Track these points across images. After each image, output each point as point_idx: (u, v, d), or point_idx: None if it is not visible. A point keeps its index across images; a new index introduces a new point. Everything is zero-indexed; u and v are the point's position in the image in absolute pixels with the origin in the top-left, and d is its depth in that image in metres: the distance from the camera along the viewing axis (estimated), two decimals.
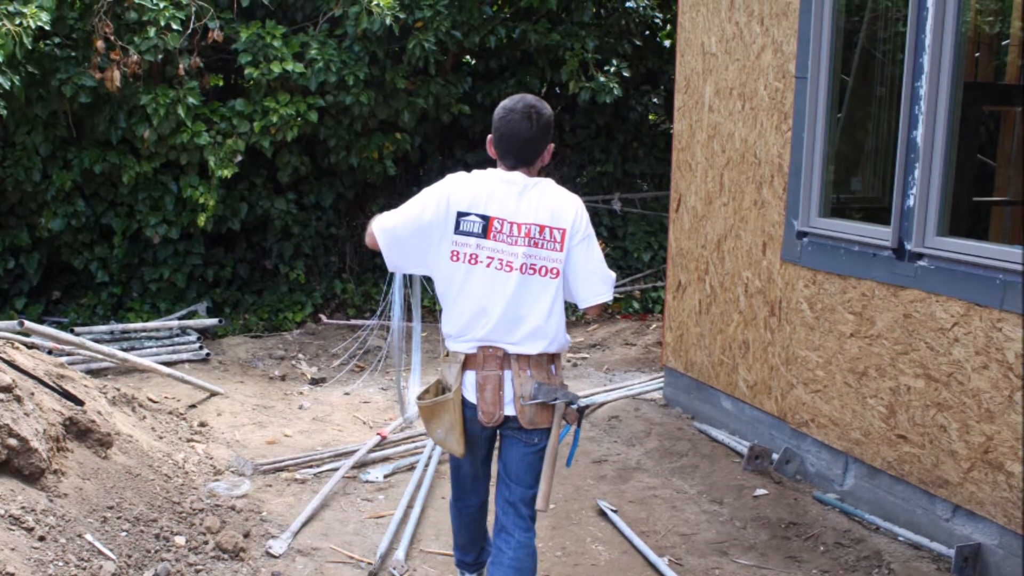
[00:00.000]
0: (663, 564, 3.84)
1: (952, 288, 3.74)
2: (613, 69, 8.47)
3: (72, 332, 6.45)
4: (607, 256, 7.06)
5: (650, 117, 9.70)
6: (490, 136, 2.94)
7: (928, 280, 3.85)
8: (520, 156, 2.90)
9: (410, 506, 4.37)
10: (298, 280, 8.20)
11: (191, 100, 7.02)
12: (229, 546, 3.75)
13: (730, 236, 5.18)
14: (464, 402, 2.93)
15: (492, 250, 2.83)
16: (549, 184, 2.92)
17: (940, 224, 3.86)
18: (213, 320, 7.30)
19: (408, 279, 5.68)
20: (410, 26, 7.41)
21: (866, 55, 5.15)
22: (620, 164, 9.41)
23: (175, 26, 6.88)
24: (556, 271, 2.85)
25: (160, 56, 6.94)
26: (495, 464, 3.11)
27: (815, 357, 4.54)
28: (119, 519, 3.61)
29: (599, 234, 8.26)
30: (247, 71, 7.12)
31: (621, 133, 9.39)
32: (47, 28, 6.50)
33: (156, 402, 5.34)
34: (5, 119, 6.84)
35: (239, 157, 7.22)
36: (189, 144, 7.11)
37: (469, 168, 3.03)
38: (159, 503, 3.91)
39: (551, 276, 2.84)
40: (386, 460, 5.02)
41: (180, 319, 7.38)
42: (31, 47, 6.38)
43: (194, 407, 5.72)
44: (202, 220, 7.24)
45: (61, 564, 3.11)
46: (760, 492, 4.54)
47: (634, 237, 9.21)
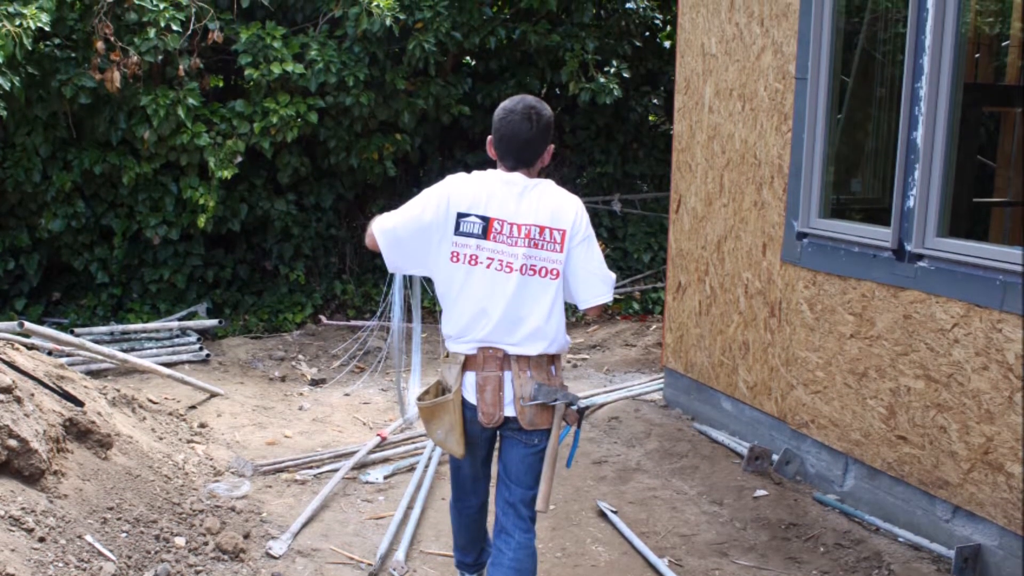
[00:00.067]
0: (663, 565, 3.84)
1: (952, 289, 3.74)
2: (613, 70, 8.47)
3: (72, 333, 6.45)
4: (607, 257, 7.05)
5: (650, 118, 9.70)
6: (490, 137, 2.94)
7: (928, 281, 3.85)
8: (520, 157, 2.90)
9: (410, 507, 4.37)
10: (298, 281, 8.20)
11: (191, 101, 7.01)
12: (229, 547, 3.75)
13: (730, 237, 5.18)
14: (464, 403, 2.93)
15: (492, 251, 2.83)
16: (549, 185, 2.92)
17: (940, 225, 3.86)
18: (213, 321, 7.30)
19: (408, 280, 5.68)
20: (410, 27, 7.41)
21: (866, 56, 5.15)
22: (620, 165, 9.41)
23: (175, 27, 6.87)
24: (556, 272, 2.85)
25: (160, 57, 6.93)
26: (495, 465, 3.11)
27: (815, 358, 4.54)
28: (119, 520, 3.61)
29: (599, 235, 8.25)
30: (247, 72, 7.12)
31: (621, 134, 9.39)
32: (47, 29, 6.49)
33: (156, 403, 5.34)
34: (5, 120, 6.83)
35: (239, 158, 7.22)
36: (189, 145, 7.10)
37: (469, 169, 3.02)
38: (159, 504, 3.91)
39: (551, 277, 2.84)
40: (386, 461, 5.02)
41: (180, 320, 7.39)
42: (31, 48, 6.37)
43: (194, 408, 5.72)
44: (202, 221, 7.24)
45: (61, 565, 3.11)
46: (760, 493, 4.54)
47: (634, 238, 9.21)
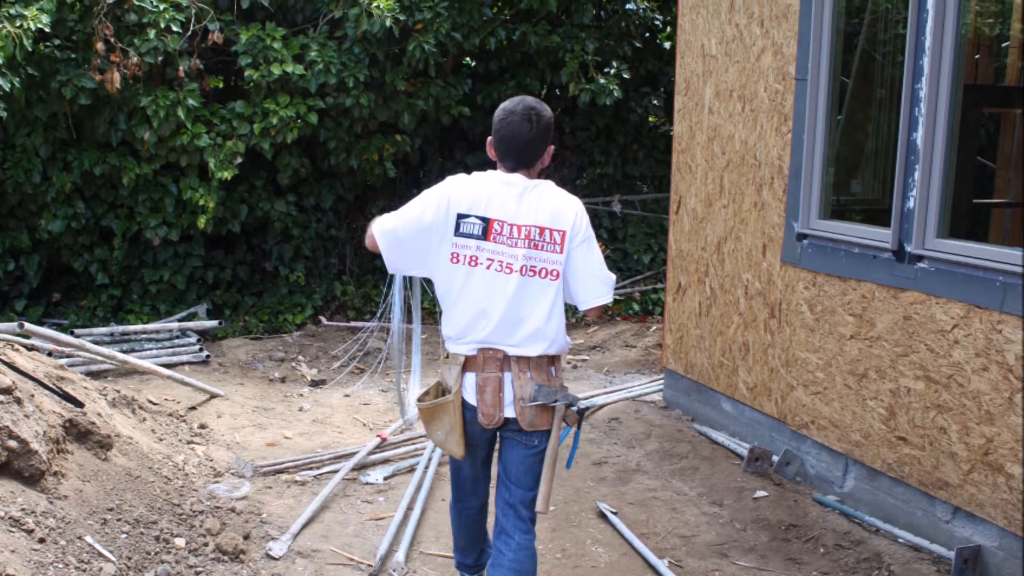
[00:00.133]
0: (663, 566, 3.84)
1: (952, 290, 3.74)
2: (613, 71, 8.48)
3: (72, 334, 6.45)
4: (607, 258, 7.05)
5: (650, 119, 9.70)
6: (490, 138, 2.95)
7: (928, 282, 3.85)
8: (520, 158, 2.90)
9: (410, 508, 4.37)
10: (298, 282, 8.20)
11: (191, 102, 7.02)
12: (229, 548, 3.75)
13: (730, 238, 5.18)
14: (464, 404, 2.93)
15: (492, 252, 2.83)
16: (549, 186, 2.92)
17: (940, 226, 3.86)
18: (213, 322, 7.30)
19: (408, 281, 5.68)
20: (410, 28, 7.41)
21: (866, 57, 5.15)
22: (620, 166, 9.41)
23: (175, 28, 6.87)
24: (556, 273, 2.85)
25: (160, 58, 6.93)
26: (495, 466, 3.11)
27: (815, 359, 4.54)
28: (119, 521, 3.61)
29: (599, 236, 8.25)
30: (247, 73, 7.12)
31: (621, 135, 9.39)
32: (47, 30, 6.50)
33: (156, 404, 5.34)
34: (5, 121, 6.84)
35: (239, 159, 7.22)
36: (189, 146, 7.10)
37: (469, 170, 3.03)
38: (159, 505, 3.91)
39: (551, 278, 2.84)
40: (386, 462, 5.02)
41: (180, 321, 7.39)
42: (31, 49, 6.37)
43: (194, 409, 5.72)
44: (202, 222, 7.24)
45: (61, 566, 3.11)
46: (760, 494, 4.53)
47: (634, 239, 9.21)
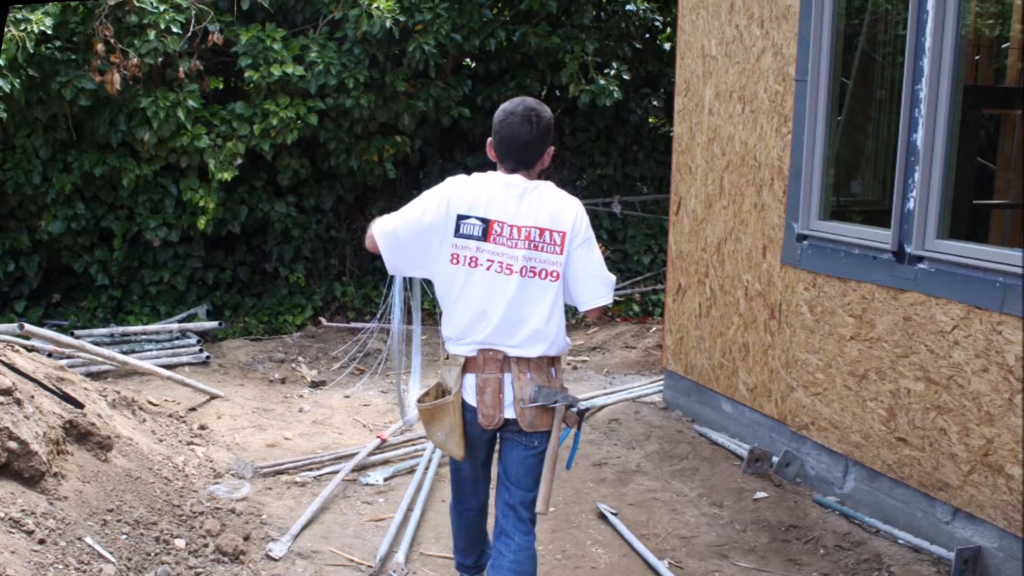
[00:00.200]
0: (663, 567, 3.84)
1: (952, 291, 3.74)
2: (613, 72, 8.47)
3: (72, 335, 6.45)
4: (607, 259, 7.04)
5: (650, 120, 9.70)
6: (490, 139, 2.95)
7: (928, 283, 3.85)
8: (520, 159, 2.90)
9: (410, 509, 4.37)
10: (298, 283, 8.20)
11: (191, 103, 7.02)
12: (229, 549, 3.75)
13: (730, 239, 5.18)
14: (464, 405, 2.93)
15: (492, 253, 2.83)
16: (549, 187, 2.92)
17: (940, 227, 3.86)
18: (213, 323, 7.30)
19: (408, 282, 5.68)
20: (410, 29, 7.41)
21: (866, 58, 5.15)
22: (620, 167, 9.41)
23: (175, 29, 6.88)
24: (556, 274, 2.85)
25: (160, 59, 6.94)
26: (495, 467, 3.11)
27: (815, 360, 4.54)
28: (119, 522, 3.61)
29: (599, 237, 8.25)
30: (247, 74, 7.12)
31: (621, 136, 9.39)
32: (49, 32, 6.52)
33: (156, 405, 5.34)
34: (5, 122, 6.85)
35: (239, 160, 7.22)
36: (189, 147, 7.10)
37: (469, 171, 3.03)
38: (159, 506, 3.91)
39: (551, 279, 2.84)
40: (386, 463, 5.02)
41: (180, 322, 7.39)
42: (32, 51, 6.39)
43: (194, 410, 5.72)
44: (202, 223, 7.25)
45: (61, 567, 3.11)
46: (760, 495, 4.53)
47: (634, 240, 9.21)
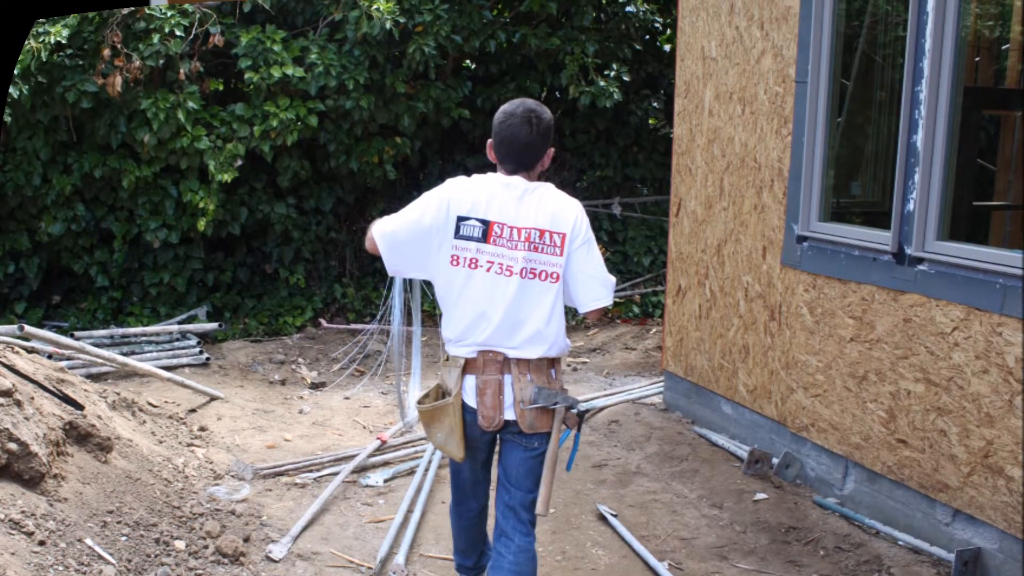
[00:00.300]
0: (663, 568, 3.84)
1: (952, 292, 3.74)
2: (613, 73, 8.47)
3: (72, 336, 6.44)
4: (607, 260, 7.03)
5: (650, 121, 9.69)
6: (490, 140, 2.95)
7: (928, 284, 3.85)
8: (520, 160, 2.90)
9: (410, 510, 4.37)
10: (298, 284, 8.20)
11: (191, 104, 7.03)
12: (229, 550, 3.75)
13: (730, 240, 5.18)
14: (464, 406, 2.93)
15: (492, 254, 2.83)
16: (549, 188, 2.93)
17: (940, 228, 3.86)
18: (213, 324, 7.30)
19: (408, 283, 5.68)
20: (410, 30, 7.42)
21: (866, 59, 5.15)
22: (620, 168, 9.41)
23: (178, 32, 6.92)
24: (556, 275, 2.85)
25: (162, 61, 6.97)
26: (495, 468, 3.11)
27: (815, 361, 4.53)
28: (119, 523, 3.61)
29: (599, 238, 8.25)
30: (247, 75, 7.13)
31: (621, 137, 9.39)
32: (63, 42, 6.62)
33: (156, 406, 5.34)
34: (8, 125, 6.89)
35: (239, 162, 7.23)
36: (189, 148, 7.11)
37: (469, 172, 3.03)
38: (159, 507, 3.91)
39: (551, 280, 2.85)
40: (386, 464, 5.02)
41: (180, 323, 7.39)
42: (44, 59, 6.47)
43: (194, 411, 5.72)
44: (202, 224, 7.25)
45: (61, 569, 3.11)
46: (760, 496, 4.53)
47: (634, 241, 9.21)
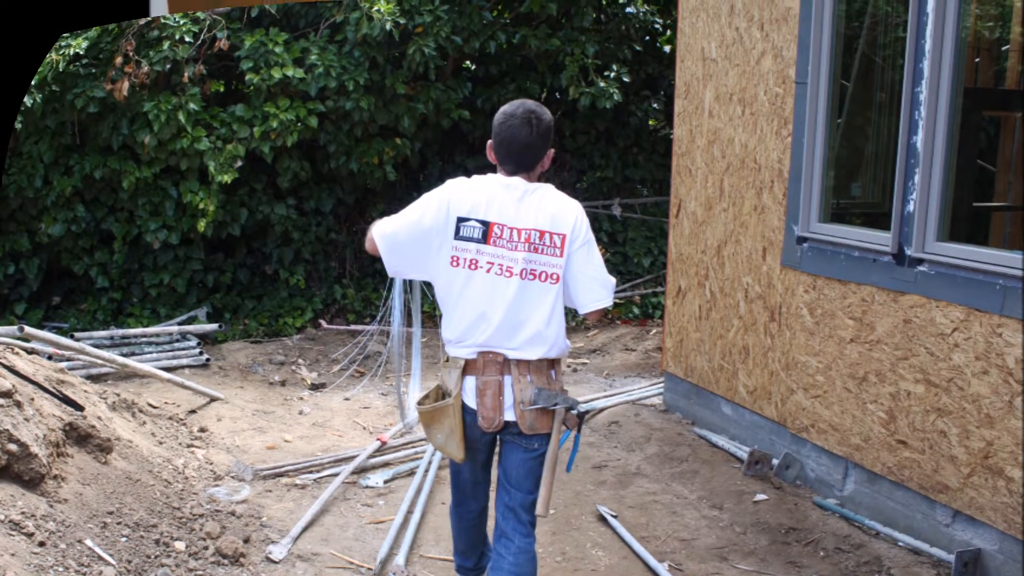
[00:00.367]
0: (663, 570, 3.84)
1: (952, 293, 3.74)
2: (613, 74, 8.47)
3: (72, 337, 6.44)
4: (607, 261, 7.03)
5: (650, 122, 9.70)
6: (490, 141, 2.95)
7: (928, 285, 3.85)
8: (520, 161, 2.90)
9: (410, 511, 4.37)
10: (298, 285, 8.20)
11: (192, 106, 7.04)
12: (229, 551, 3.75)
13: (730, 241, 5.18)
14: (464, 407, 2.93)
15: (492, 255, 2.83)
16: (549, 189, 2.93)
17: (940, 229, 3.86)
18: (213, 325, 7.30)
19: (408, 284, 5.68)
20: (410, 31, 7.42)
21: (866, 60, 5.15)
22: (620, 169, 9.41)
23: (187, 38, 6.98)
24: (556, 276, 2.85)
25: (168, 66, 7.02)
26: (495, 469, 3.10)
27: (815, 362, 4.53)
28: (119, 524, 3.61)
29: (599, 239, 8.25)
30: (248, 77, 7.14)
31: (621, 138, 9.39)
32: (81, 53, 6.69)
33: (156, 407, 5.34)
34: (19, 132, 6.95)
35: (239, 162, 7.23)
36: (189, 149, 7.12)
37: (469, 173, 3.03)
38: (159, 508, 3.91)
39: (551, 281, 2.85)
40: (386, 465, 5.02)
41: (180, 324, 7.39)
42: (61, 69, 6.55)
43: (194, 412, 5.72)
44: (202, 225, 7.25)
45: (61, 570, 3.11)
46: (760, 497, 4.53)
47: (634, 242, 9.21)
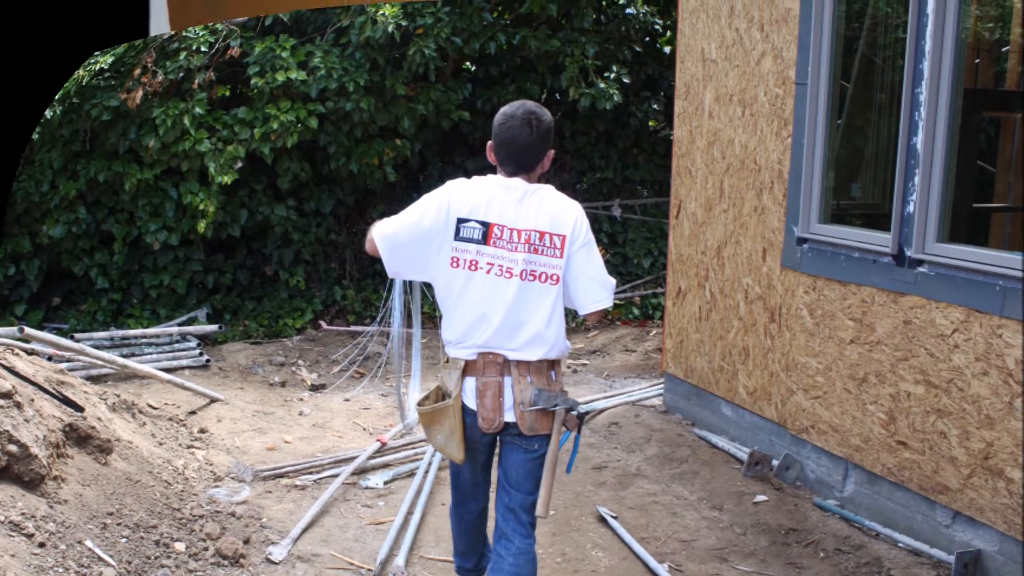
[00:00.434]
0: (663, 570, 3.84)
1: (952, 294, 3.74)
2: (613, 75, 8.48)
3: (72, 338, 6.44)
4: (607, 262, 7.04)
5: (650, 123, 9.70)
6: (490, 142, 2.95)
7: (928, 286, 3.85)
8: (520, 162, 2.90)
9: (410, 512, 4.37)
10: (298, 286, 8.20)
11: (197, 110, 7.09)
12: (229, 552, 3.75)
13: (730, 242, 5.18)
14: (464, 408, 2.93)
15: (492, 256, 2.83)
16: (549, 190, 2.93)
17: (940, 230, 3.86)
18: (213, 326, 7.30)
19: (408, 285, 5.69)
20: (411, 33, 7.43)
21: (866, 61, 5.15)
22: (620, 170, 9.41)
23: (203, 48, 7.02)
24: (556, 277, 2.85)
25: (181, 74, 7.06)
26: (495, 470, 3.10)
27: (815, 363, 4.53)
28: (119, 525, 3.61)
29: (599, 240, 8.25)
30: (253, 81, 7.18)
31: (621, 139, 9.39)
32: (105, 68, 6.77)
33: (156, 408, 5.34)
34: (34, 142, 7.01)
35: (239, 164, 7.24)
36: (191, 151, 7.14)
37: (469, 174, 3.03)
38: (159, 509, 3.91)
39: (551, 282, 2.85)
40: (386, 466, 5.02)
41: (180, 325, 7.39)
42: (85, 83, 6.59)
43: (194, 413, 5.72)
44: (202, 226, 7.25)
45: (61, 570, 3.11)
46: (760, 498, 4.53)
47: (634, 243, 9.21)
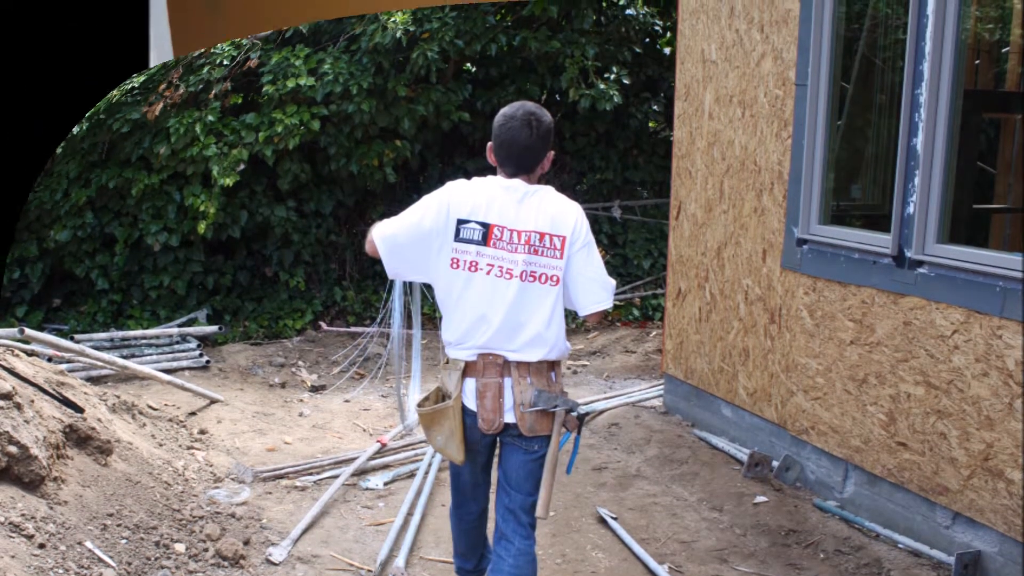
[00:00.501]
0: (663, 571, 3.84)
1: (952, 295, 3.74)
2: (613, 76, 8.48)
3: (72, 339, 6.44)
4: (607, 263, 7.04)
5: (650, 124, 9.70)
6: (490, 143, 2.95)
7: (928, 287, 3.86)
8: (520, 163, 2.90)
9: (410, 513, 4.37)
10: (298, 287, 8.20)
11: (209, 118, 7.12)
12: (229, 553, 3.75)
13: (730, 243, 5.18)
14: (464, 409, 2.93)
15: (492, 257, 2.84)
16: (549, 191, 2.93)
17: (940, 231, 3.86)
18: (213, 327, 7.30)
19: (408, 286, 5.69)
20: (417, 37, 7.45)
21: (866, 62, 5.15)
22: (620, 171, 9.41)
23: (226, 61, 7.06)
24: (556, 278, 2.85)
25: (200, 86, 7.09)
26: (495, 471, 3.11)
27: (815, 364, 4.53)
28: (119, 526, 3.61)
29: (599, 241, 8.24)
30: (265, 88, 7.22)
31: (621, 140, 9.39)
32: (135, 86, 6.83)
33: (156, 409, 5.34)
34: (57, 155, 7.05)
35: (242, 166, 7.26)
36: (198, 156, 7.18)
37: (469, 175, 3.03)
38: (159, 510, 3.91)
39: (551, 283, 2.85)
40: (386, 467, 5.02)
41: (180, 326, 7.39)
42: (114, 100, 6.64)
43: (194, 414, 5.72)
44: (202, 228, 7.26)
45: (61, 571, 3.11)
46: (760, 499, 4.53)
47: (634, 244, 9.21)
